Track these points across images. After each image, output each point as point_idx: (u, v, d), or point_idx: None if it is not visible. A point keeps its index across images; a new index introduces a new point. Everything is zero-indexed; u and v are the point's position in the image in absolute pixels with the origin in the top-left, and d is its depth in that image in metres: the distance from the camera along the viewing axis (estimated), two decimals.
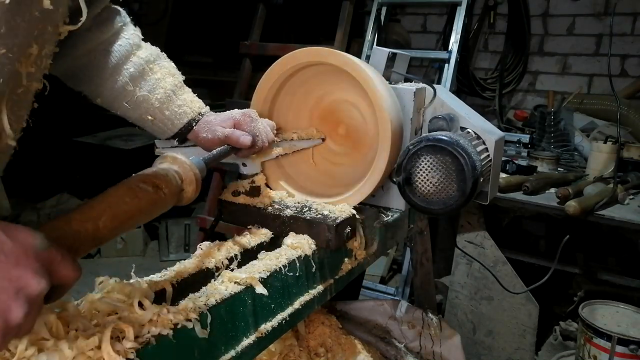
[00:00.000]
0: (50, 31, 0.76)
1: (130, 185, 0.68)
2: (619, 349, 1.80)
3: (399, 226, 1.21)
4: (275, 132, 1.10)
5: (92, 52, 0.96)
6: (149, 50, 1.03)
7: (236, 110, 1.06)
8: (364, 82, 1.02)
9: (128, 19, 1.02)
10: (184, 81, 1.07)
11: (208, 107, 1.09)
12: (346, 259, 1.03)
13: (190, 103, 1.05)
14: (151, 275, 0.79)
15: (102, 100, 1.02)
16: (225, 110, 1.08)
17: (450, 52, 2.83)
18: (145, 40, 1.04)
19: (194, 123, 1.05)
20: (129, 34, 1.01)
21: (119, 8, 1.00)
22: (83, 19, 0.75)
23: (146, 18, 5.09)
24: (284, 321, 0.84)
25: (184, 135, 1.06)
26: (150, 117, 1.02)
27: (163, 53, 1.06)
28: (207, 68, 4.63)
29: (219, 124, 1.03)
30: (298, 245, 0.92)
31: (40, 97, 0.82)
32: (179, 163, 0.76)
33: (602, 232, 2.68)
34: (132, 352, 0.56)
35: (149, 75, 1.01)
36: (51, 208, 4.12)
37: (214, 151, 0.97)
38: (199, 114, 1.06)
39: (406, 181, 1.05)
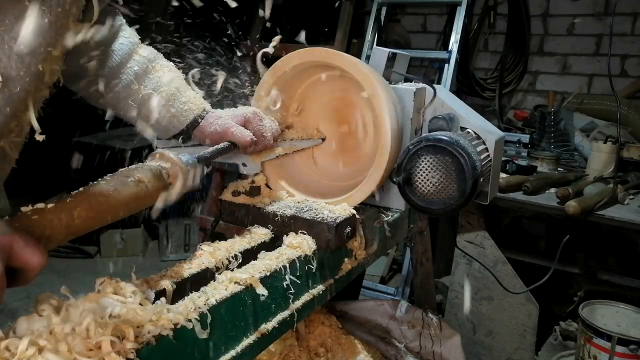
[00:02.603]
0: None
1: (110, 180, 0.69)
2: (619, 349, 1.80)
3: (399, 226, 1.21)
4: (279, 125, 1.10)
5: (93, 50, 0.96)
6: (149, 49, 1.04)
7: (246, 107, 1.06)
8: (363, 81, 1.02)
9: (124, 20, 1.02)
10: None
11: (209, 105, 1.09)
12: (346, 259, 1.03)
13: (194, 99, 1.06)
14: (151, 275, 0.79)
15: (105, 101, 1.02)
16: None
17: (450, 52, 2.83)
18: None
19: (200, 119, 1.05)
20: (128, 32, 1.01)
21: (117, 9, 1.00)
22: (95, 15, 0.77)
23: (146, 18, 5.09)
24: (284, 321, 0.84)
25: (189, 133, 1.06)
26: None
27: (159, 53, 1.06)
28: None
29: (231, 118, 1.04)
30: (298, 245, 0.92)
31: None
32: (165, 159, 0.77)
33: (602, 232, 2.68)
34: (132, 352, 0.56)
35: (152, 74, 1.01)
36: None
37: (210, 148, 0.97)
38: (204, 109, 1.06)
39: (406, 181, 1.05)
